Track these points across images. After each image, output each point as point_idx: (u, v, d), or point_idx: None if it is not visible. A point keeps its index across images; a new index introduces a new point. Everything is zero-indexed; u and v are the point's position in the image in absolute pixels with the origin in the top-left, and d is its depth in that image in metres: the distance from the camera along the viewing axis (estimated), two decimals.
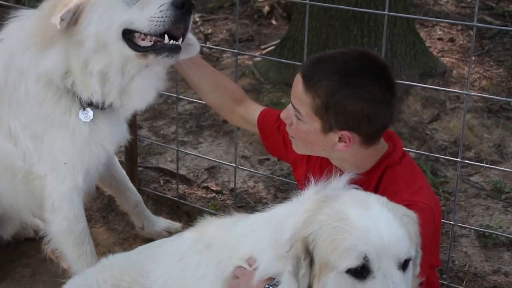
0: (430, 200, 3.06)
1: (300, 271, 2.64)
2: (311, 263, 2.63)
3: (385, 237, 2.51)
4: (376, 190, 3.05)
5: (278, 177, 5.16)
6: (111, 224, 4.94)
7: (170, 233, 4.69)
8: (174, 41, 3.42)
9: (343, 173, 2.97)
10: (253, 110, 3.80)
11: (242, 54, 6.53)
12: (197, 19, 8.38)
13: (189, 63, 3.83)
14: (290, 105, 3.16)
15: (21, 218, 4.35)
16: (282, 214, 2.93)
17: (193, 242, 3.24)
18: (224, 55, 7.47)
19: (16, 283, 4.41)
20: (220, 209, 4.94)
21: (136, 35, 3.44)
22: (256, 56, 6.56)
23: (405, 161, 3.21)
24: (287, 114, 3.18)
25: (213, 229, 3.27)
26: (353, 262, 2.50)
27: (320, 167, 3.33)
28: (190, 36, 3.65)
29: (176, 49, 3.45)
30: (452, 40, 7.28)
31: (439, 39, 7.34)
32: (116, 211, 5.01)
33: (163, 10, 3.31)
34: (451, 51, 7.02)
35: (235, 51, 4.56)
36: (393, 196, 2.82)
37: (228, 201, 5.08)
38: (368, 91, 2.95)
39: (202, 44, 7.26)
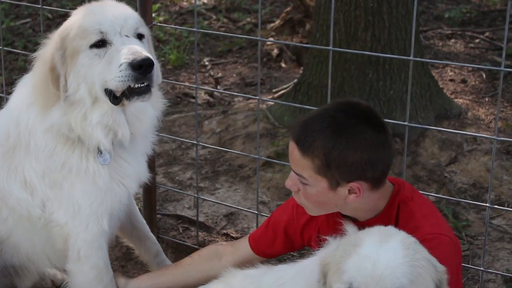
0: (450, 232, 3.08)
1: None
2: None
3: (380, 269, 2.48)
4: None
5: None
6: (130, 273, 4.85)
7: None
8: (141, 84, 3.44)
9: (357, 221, 3.09)
10: (240, 247, 3.80)
11: (264, 101, 6.52)
12: (207, 63, 8.39)
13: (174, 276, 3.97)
14: (292, 173, 3.17)
15: (38, 269, 4.27)
16: (309, 268, 2.92)
17: None
18: (236, 99, 7.46)
19: None
20: None
21: None
22: (277, 102, 6.53)
23: (417, 196, 3.24)
24: (291, 182, 3.18)
25: (239, 280, 3.22)
26: (341, 285, 2.53)
27: (328, 224, 3.36)
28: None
29: (145, 90, 3.47)
30: (464, 81, 7.29)
31: (451, 80, 7.35)
32: (135, 260, 4.93)
33: (122, 70, 3.39)
34: (464, 92, 7.02)
35: (257, 97, 4.52)
36: (414, 231, 2.83)
37: None
38: (363, 138, 3.00)
39: (217, 90, 7.30)
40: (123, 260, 4.98)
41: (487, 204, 3.95)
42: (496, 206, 4.25)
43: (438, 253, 2.73)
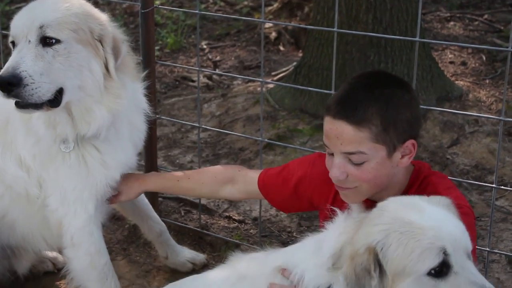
0: (469, 205, 3.10)
1: (369, 284, 2.57)
2: (380, 275, 2.58)
3: (453, 232, 2.53)
4: None
5: None
6: (132, 256, 4.84)
7: (194, 264, 4.61)
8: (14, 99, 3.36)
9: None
10: (250, 180, 3.75)
11: (267, 83, 6.49)
12: (205, 46, 8.35)
13: (173, 185, 3.99)
14: (336, 161, 3.03)
15: (34, 250, 4.25)
16: (319, 240, 2.90)
17: (225, 277, 3.17)
18: (235, 82, 7.42)
19: None
20: (244, 239, 4.86)
21: None
22: (280, 84, 6.50)
23: (437, 172, 3.27)
24: (339, 170, 3.02)
25: (245, 262, 3.20)
26: (434, 260, 2.48)
27: (334, 198, 3.35)
28: None
29: (22, 106, 3.35)
30: (464, 63, 7.27)
31: (451, 62, 7.32)
32: (137, 243, 4.92)
33: None
34: (465, 75, 7.00)
35: (259, 79, 4.48)
36: None
37: (251, 231, 5.00)
38: (401, 97, 3.01)
39: (220, 73, 7.26)
40: (125, 243, 4.96)
41: (493, 185, 3.93)
42: (502, 187, 4.23)
43: (466, 222, 2.76)
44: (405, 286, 2.53)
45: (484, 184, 4.81)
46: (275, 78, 7.19)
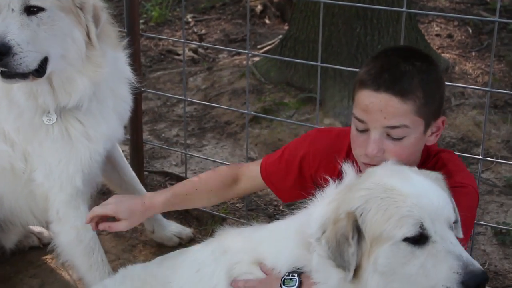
0: (476, 185, 3.07)
1: (347, 251, 2.56)
2: (359, 240, 2.58)
3: (435, 201, 2.51)
4: None
5: None
6: (121, 232, 4.81)
7: (180, 238, 4.60)
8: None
9: None
10: (253, 174, 3.59)
11: (253, 55, 6.45)
12: (190, 19, 8.28)
13: (182, 200, 3.67)
14: (375, 136, 2.89)
15: (23, 224, 4.22)
16: (305, 214, 2.88)
17: (210, 251, 3.16)
18: (221, 56, 7.37)
19: None
20: (230, 213, 4.84)
21: None
22: (266, 56, 6.46)
23: (446, 150, 3.21)
24: (377, 145, 2.89)
25: (231, 237, 3.19)
26: (411, 229, 2.47)
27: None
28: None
29: (8, 75, 3.33)
30: (450, 36, 7.25)
31: (437, 35, 7.30)
32: None
33: None
34: (451, 47, 6.98)
35: (246, 51, 4.45)
36: (447, 178, 2.79)
37: (238, 205, 4.99)
38: (437, 72, 2.98)
39: (206, 45, 7.21)
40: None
41: (480, 157, 3.93)
42: (488, 159, 4.22)
43: (466, 201, 2.77)
44: (382, 251, 2.52)
45: (470, 156, 4.80)
46: (261, 51, 7.14)
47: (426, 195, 2.52)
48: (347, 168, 2.86)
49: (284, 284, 2.78)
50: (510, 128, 5.72)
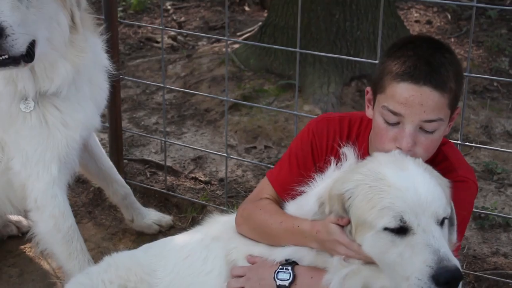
0: (476, 180, 3.04)
1: None
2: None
3: (423, 195, 2.51)
4: None
5: (267, 165, 5.07)
6: (98, 219, 4.80)
7: (160, 225, 4.59)
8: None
9: None
10: (272, 199, 3.24)
11: (233, 42, 6.42)
12: (169, 7, 8.24)
13: None
14: (410, 130, 2.78)
15: (0, 213, 4.18)
16: (303, 199, 2.90)
17: (199, 238, 3.15)
18: (200, 43, 7.34)
19: (3, 283, 4.24)
20: (210, 200, 4.83)
21: None
22: (246, 43, 6.44)
23: (449, 142, 3.14)
24: (412, 139, 2.79)
25: (220, 224, 3.18)
26: (390, 221, 2.49)
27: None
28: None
29: (6, 63, 3.29)
30: (429, 22, 7.26)
31: (416, 21, 7.31)
32: (103, 206, 4.87)
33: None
34: (430, 33, 6.99)
35: (225, 38, 4.42)
36: (448, 173, 2.79)
37: (218, 192, 4.97)
38: (459, 62, 2.91)
39: (184, 31, 7.17)
40: (90, 205, 4.91)
41: (458, 142, 3.94)
42: (466, 143, 4.23)
43: (465, 196, 2.77)
44: (365, 238, 2.57)
45: (449, 141, 4.80)
46: (241, 38, 7.12)
47: (414, 188, 2.52)
48: (348, 152, 2.85)
49: (277, 277, 2.78)
50: (489, 114, 5.75)
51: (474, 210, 4.49)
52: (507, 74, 6.37)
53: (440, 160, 2.94)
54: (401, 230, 2.49)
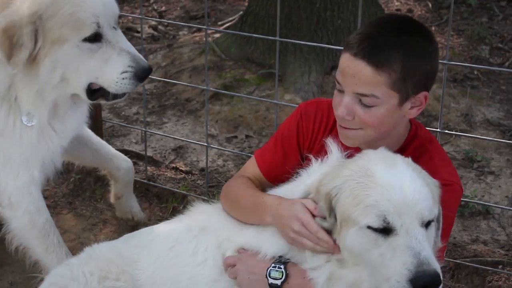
0: (460, 182, 3.04)
1: (324, 225, 2.63)
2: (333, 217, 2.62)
3: (408, 195, 2.50)
4: None
5: (248, 154, 5.06)
6: (78, 209, 4.77)
7: (133, 217, 4.53)
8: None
9: None
10: (263, 182, 3.31)
11: (214, 31, 6.40)
12: None
13: None
14: (345, 100, 2.88)
15: None
16: (287, 189, 2.90)
17: (185, 228, 3.12)
18: (181, 33, 7.30)
19: None
20: (191, 190, 4.82)
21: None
22: (226, 32, 6.42)
23: (435, 140, 3.16)
24: (347, 109, 2.87)
25: (206, 213, 3.16)
26: (374, 220, 2.49)
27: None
28: None
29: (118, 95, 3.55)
30: (410, 11, 7.27)
31: (397, 10, 7.32)
32: (83, 196, 4.85)
33: (125, 79, 3.43)
34: None
35: (205, 27, 4.40)
36: (432, 174, 2.78)
37: (199, 181, 4.96)
38: (426, 47, 2.87)
39: (165, 20, 7.14)
40: (71, 196, 4.88)
41: (437, 129, 3.95)
42: (446, 131, 4.24)
43: (449, 199, 2.76)
44: (349, 234, 2.56)
45: (429, 129, 4.80)
46: (222, 27, 7.09)
47: (400, 187, 2.51)
48: (331, 146, 2.87)
49: (270, 276, 2.77)
50: (469, 102, 5.77)
51: None
52: (487, 62, 6.40)
53: (425, 160, 2.93)
54: (385, 230, 2.48)
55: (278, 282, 2.76)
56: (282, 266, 2.76)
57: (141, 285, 3.09)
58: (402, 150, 3.02)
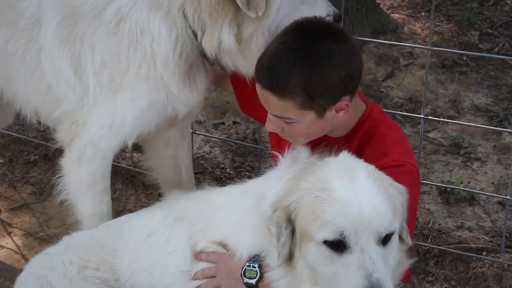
0: (414, 161, 3.00)
1: (280, 239, 2.56)
2: (293, 231, 2.56)
3: (365, 212, 2.43)
4: (361, 148, 2.99)
5: (234, 141, 5.05)
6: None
7: None
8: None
9: (331, 139, 2.99)
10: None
11: None
12: None
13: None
14: (270, 116, 2.96)
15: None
16: (259, 186, 2.87)
17: (161, 217, 3.11)
18: None
19: None
20: None
21: None
22: None
23: (387, 119, 3.14)
24: (273, 125, 2.97)
25: (183, 202, 3.14)
26: (330, 234, 2.43)
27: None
28: None
29: None
30: None
31: None
32: None
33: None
34: (401, 7, 6.97)
35: None
36: (382, 157, 2.79)
37: None
38: (334, 56, 2.79)
39: None
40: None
41: (421, 116, 3.94)
42: (430, 117, 4.23)
43: (405, 181, 2.71)
44: (307, 248, 2.51)
45: (414, 115, 4.81)
46: None
47: (358, 203, 2.45)
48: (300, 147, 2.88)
49: (245, 275, 2.76)
50: (457, 88, 5.75)
51: (439, 184, 4.54)
52: (476, 48, 6.38)
53: (376, 142, 2.93)
54: (340, 248, 2.44)
55: (253, 281, 2.74)
56: (256, 265, 2.74)
57: (120, 274, 3.09)
58: (353, 133, 3.05)
